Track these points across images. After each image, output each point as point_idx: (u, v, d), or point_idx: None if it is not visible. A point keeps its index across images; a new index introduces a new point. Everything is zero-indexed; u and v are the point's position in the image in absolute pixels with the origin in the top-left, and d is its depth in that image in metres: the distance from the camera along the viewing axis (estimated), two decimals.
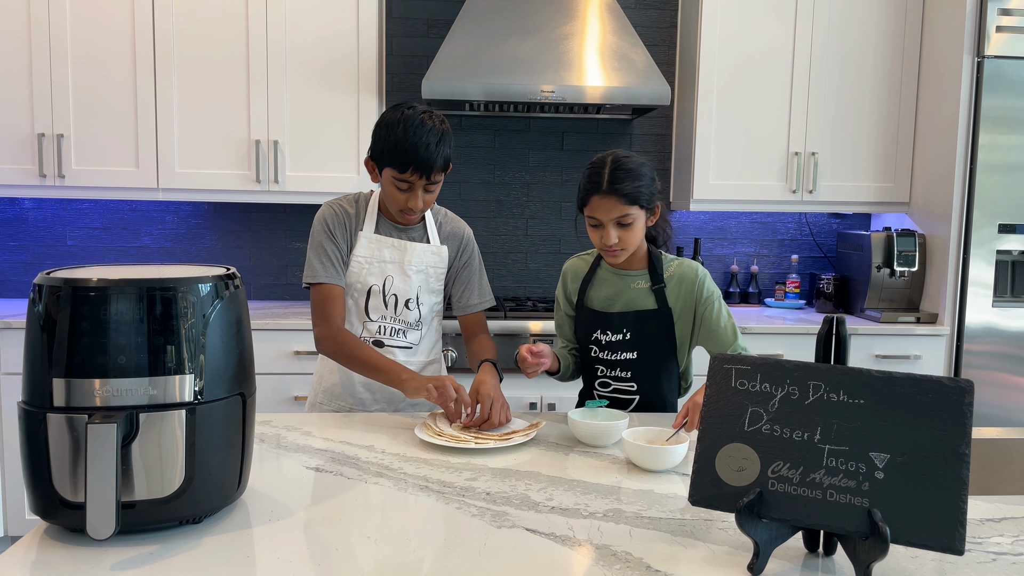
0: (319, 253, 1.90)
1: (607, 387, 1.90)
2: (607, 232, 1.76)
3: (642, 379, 1.88)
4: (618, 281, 1.89)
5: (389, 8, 3.54)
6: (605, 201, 1.74)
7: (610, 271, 1.91)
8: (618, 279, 1.89)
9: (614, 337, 1.87)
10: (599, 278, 1.92)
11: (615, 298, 1.88)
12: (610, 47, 3.21)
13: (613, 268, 1.90)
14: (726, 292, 3.74)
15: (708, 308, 1.83)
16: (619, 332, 1.86)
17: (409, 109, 1.80)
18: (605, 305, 1.89)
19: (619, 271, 1.90)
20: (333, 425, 1.74)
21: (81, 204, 3.53)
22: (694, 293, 1.84)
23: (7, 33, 3.07)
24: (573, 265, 1.99)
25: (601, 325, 1.88)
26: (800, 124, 3.38)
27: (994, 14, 3.06)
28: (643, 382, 1.88)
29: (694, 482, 1.10)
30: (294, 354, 3.02)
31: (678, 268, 1.87)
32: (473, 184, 3.66)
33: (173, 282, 1.10)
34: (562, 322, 2.01)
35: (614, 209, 1.74)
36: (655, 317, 1.84)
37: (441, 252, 1.98)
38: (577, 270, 1.97)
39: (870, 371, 1.04)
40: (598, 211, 1.76)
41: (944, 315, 3.22)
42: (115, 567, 1.03)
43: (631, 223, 1.76)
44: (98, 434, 1.01)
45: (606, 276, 1.91)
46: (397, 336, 1.95)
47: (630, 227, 1.76)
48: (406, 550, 1.10)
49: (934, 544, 0.96)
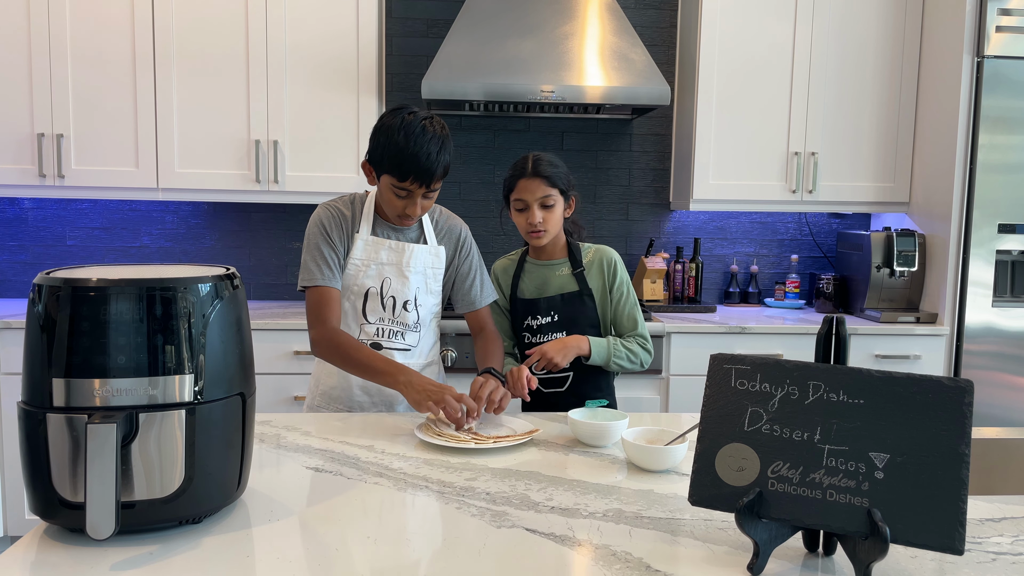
0: (315, 256, 1.88)
1: (542, 370, 2.00)
2: (532, 212, 1.98)
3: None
4: (543, 271, 2.10)
5: (389, 8, 3.54)
6: (530, 183, 1.98)
7: (535, 263, 2.12)
8: (543, 269, 2.10)
9: (543, 320, 2.06)
10: (526, 271, 2.12)
11: (542, 286, 2.09)
12: (610, 47, 3.21)
13: (537, 260, 2.11)
14: (726, 292, 3.74)
15: (618, 292, 2.07)
16: (547, 315, 2.06)
17: (410, 115, 1.78)
18: (534, 293, 2.09)
19: (543, 262, 2.10)
20: (333, 425, 1.73)
21: (81, 204, 3.53)
22: (606, 275, 2.07)
23: (7, 33, 3.07)
24: (501, 265, 2.19)
25: (531, 311, 2.08)
26: (800, 124, 3.38)
27: (994, 14, 3.06)
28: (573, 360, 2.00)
29: (694, 482, 1.10)
30: (294, 354, 3.02)
31: (596, 254, 2.10)
32: (473, 184, 3.66)
33: (173, 282, 1.10)
34: (500, 320, 2.14)
35: (538, 189, 1.97)
36: (578, 298, 2.06)
37: (439, 253, 1.98)
38: (506, 268, 2.17)
39: (870, 371, 1.04)
40: (524, 192, 1.98)
41: (944, 315, 3.22)
42: (115, 567, 1.03)
43: (552, 205, 1.99)
44: (98, 434, 1.01)
45: (532, 268, 2.12)
46: (395, 338, 1.94)
47: (551, 209, 1.99)
48: (406, 550, 1.10)
49: (934, 544, 0.96)
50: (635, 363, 2.04)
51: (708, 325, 3.15)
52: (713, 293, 3.81)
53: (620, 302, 2.07)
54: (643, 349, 2.05)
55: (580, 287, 2.06)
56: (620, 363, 2.02)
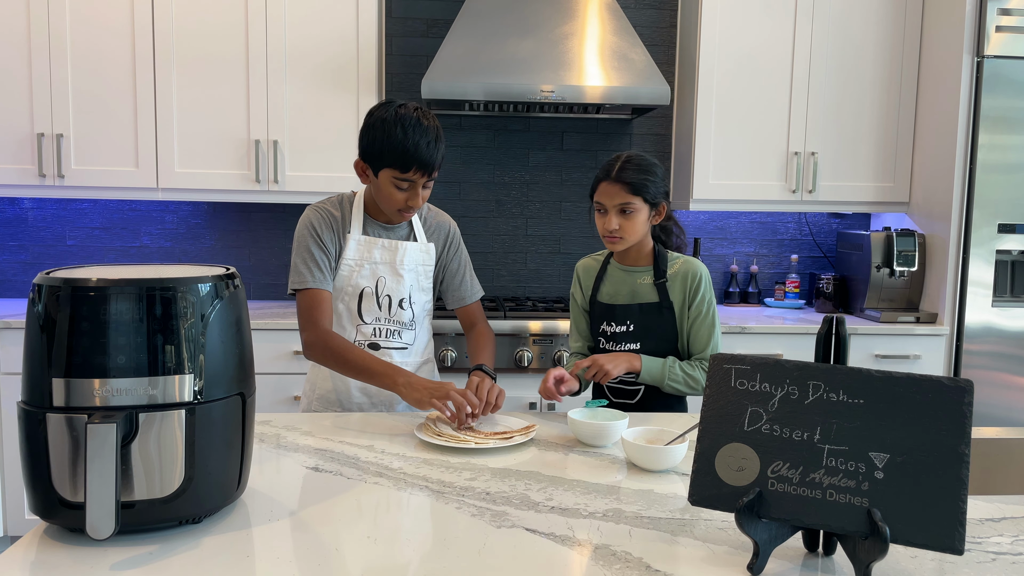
0: (305, 258, 1.86)
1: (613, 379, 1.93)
2: (609, 218, 1.89)
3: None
4: (625, 276, 2.00)
5: (389, 8, 3.54)
6: (611, 187, 1.88)
7: (618, 267, 2.02)
8: (625, 275, 2.00)
9: (618, 328, 1.96)
10: (608, 274, 2.03)
11: (621, 292, 1.99)
12: (610, 47, 3.21)
13: (621, 265, 2.01)
14: (726, 292, 3.74)
15: (696, 309, 1.94)
16: (623, 324, 1.95)
17: (401, 108, 1.79)
18: (612, 299, 1.99)
19: (626, 267, 2.00)
20: (332, 425, 1.73)
21: (81, 204, 3.53)
22: (689, 289, 1.94)
23: (7, 33, 3.07)
24: (585, 264, 2.10)
25: (607, 317, 1.98)
26: (800, 124, 3.38)
27: (994, 14, 3.06)
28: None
29: (694, 482, 1.10)
30: (293, 354, 3.02)
31: (683, 266, 1.97)
32: (473, 184, 3.66)
33: (173, 282, 1.09)
34: (578, 318, 2.09)
35: (617, 196, 1.87)
36: (657, 310, 1.94)
37: (429, 250, 1.98)
38: (589, 268, 2.08)
39: (870, 371, 1.04)
40: (603, 196, 1.90)
41: (944, 315, 3.22)
42: (115, 567, 1.03)
43: (633, 212, 1.88)
44: (98, 434, 1.01)
45: (614, 272, 2.02)
46: (392, 337, 1.94)
47: (631, 216, 1.89)
48: (405, 549, 1.10)
49: (934, 544, 0.96)
50: (694, 388, 1.90)
51: None
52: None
53: (698, 320, 1.93)
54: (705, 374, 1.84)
55: (660, 299, 1.94)
56: (676, 386, 1.88)
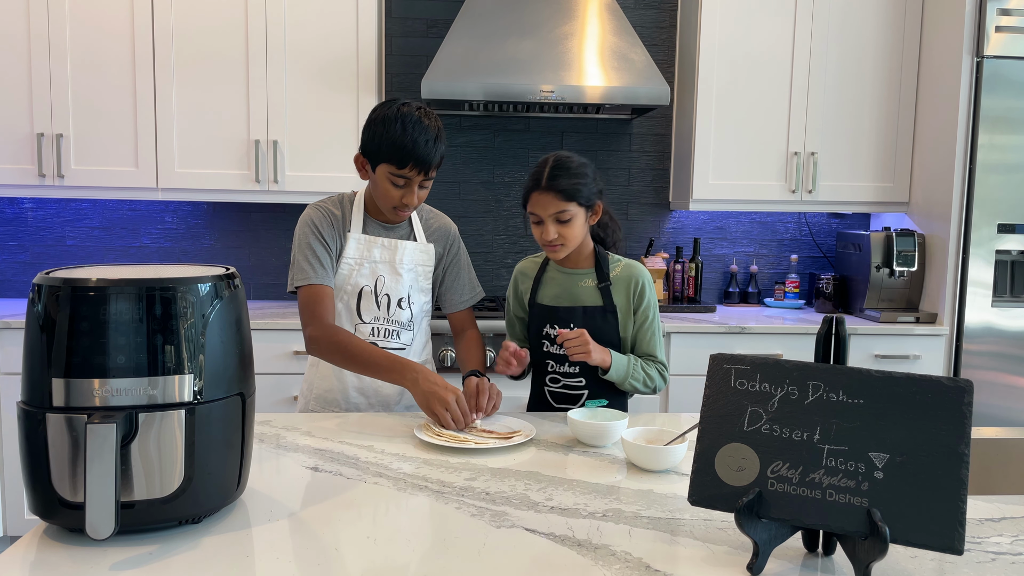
0: (307, 254, 1.86)
1: (557, 383, 1.94)
2: (546, 228, 1.85)
3: (590, 373, 1.91)
4: (566, 280, 1.96)
5: (389, 8, 3.54)
6: (543, 197, 1.83)
7: (558, 270, 1.97)
8: (566, 278, 1.96)
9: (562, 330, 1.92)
10: (548, 277, 1.99)
11: (563, 295, 1.95)
12: (609, 47, 3.21)
13: (561, 267, 1.97)
14: (726, 292, 3.74)
15: (642, 315, 1.93)
16: (566, 326, 1.91)
17: (404, 106, 1.80)
18: (554, 300, 1.95)
19: (567, 270, 1.96)
20: (332, 425, 1.73)
21: (80, 204, 3.52)
22: (633, 295, 1.92)
23: (6, 33, 3.07)
24: (523, 266, 2.05)
25: (550, 319, 1.94)
26: (799, 124, 3.38)
27: (993, 14, 3.06)
28: (591, 376, 1.92)
29: (693, 482, 1.10)
30: (293, 354, 3.02)
31: (624, 270, 1.95)
32: (473, 184, 3.66)
33: (172, 282, 1.09)
34: (512, 322, 2.06)
35: (551, 205, 1.83)
36: (601, 314, 1.92)
37: (429, 250, 1.98)
38: (527, 271, 2.03)
39: (869, 371, 1.04)
40: (537, 207, 1.85)
41: (943, 315, 3.22)
42: (114, 567, 1.03)
43: (569, 219, 1.84)
44: (97, 434, 1.01)
45: (555, 275, 1.98)
46: (391, 337, 1.94)
47: (569, 223, 1.85)
48: (405, 550, 1.10)
49: (933, 544, 0.96)
50: (649, 388, 1.92)
51: (708, 325, 3.15)
52: (713, 293, 3.81)
53: (643, 325, 1.93)
54: (660, 376, 1.94)
55: (604, 302, 1.91)
56: (635, 384, 1.89)
